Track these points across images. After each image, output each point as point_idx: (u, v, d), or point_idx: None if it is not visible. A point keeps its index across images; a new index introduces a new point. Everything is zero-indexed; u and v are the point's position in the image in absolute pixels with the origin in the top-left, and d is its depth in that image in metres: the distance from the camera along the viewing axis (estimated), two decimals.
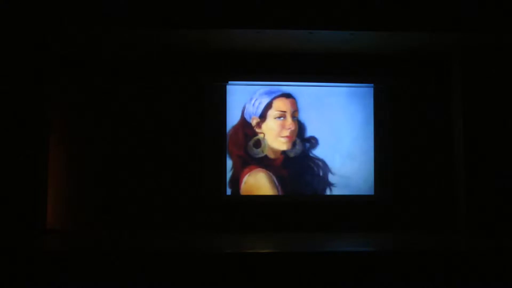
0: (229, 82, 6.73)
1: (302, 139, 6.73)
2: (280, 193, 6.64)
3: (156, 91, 6.62)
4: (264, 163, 6.70)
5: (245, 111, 6.77)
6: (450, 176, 6.57)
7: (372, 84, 6.78)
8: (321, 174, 6.71)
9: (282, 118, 6.74)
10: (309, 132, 6.73)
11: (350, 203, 6.61)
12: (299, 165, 6.70)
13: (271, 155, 6.70)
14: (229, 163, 6.67)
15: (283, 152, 6.72)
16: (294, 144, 6.71)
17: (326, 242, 5.70)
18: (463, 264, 4.77)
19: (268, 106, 6.76)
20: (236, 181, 6.67)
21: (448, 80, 6.66)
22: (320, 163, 6.72)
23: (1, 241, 5.28)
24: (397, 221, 6.55)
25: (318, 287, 4.64)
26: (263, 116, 6.75)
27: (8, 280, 4.60)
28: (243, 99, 6.77)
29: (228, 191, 6.63)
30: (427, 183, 6.63)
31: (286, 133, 6.71)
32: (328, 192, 6.67)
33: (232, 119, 6.73)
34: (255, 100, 6.77)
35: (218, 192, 6.61)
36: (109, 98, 6.59)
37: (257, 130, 6.73)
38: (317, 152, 6.72)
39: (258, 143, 6.68)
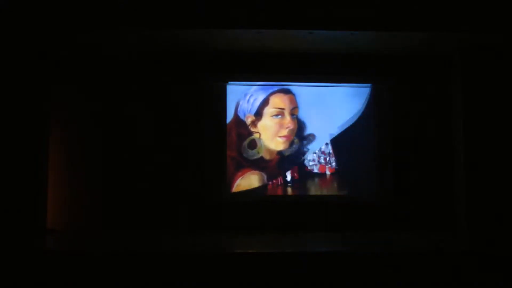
0: (229, 82, 6.59)
1: (300, 137, 6.43)
2: None
3: (156, 91, 6.62)
4: (260, 165, 6.34)
5: (238, 108, 6.32)
6: (450, 176, 6.57)
7: (372, 84, 6.74)
8: (318, 174, 6.49)
9: (279, 116, 6.38)
10: (309, 132, 6.49)
11: (350, 203, 6.59)
12: (295, 165, 6.41)
13: (267, 157, 6.35)
14: None
15: (279, 152, 6.40)
16: (291, 144, 6.41)
17: (325, 242, 5.69)
18: (463, 264, 4.77)
19: (265, 102, 6.33)
20: (228, 184, 6.39)
21: (448, 80, 6.66)
22: (317, 162, 6.48)
23: (1, 241, 5.28)
24: (397, 221, 6.55)
25: (317, 287, 4.64)
26: (258, 114, 6.33)
27: (8, 280, 4.60)
28: (237, 96, 6.40)
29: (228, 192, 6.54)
30: (427, 183, 6.62)
31: (284, 132, 6.35)
32: (326, 193, 6.54)
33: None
34: (250, 96, 6.32)
35: (218, 192, 6.49)
36: (109, 98, 6.58)
37: (252, 129, 6.34)
38: (315, 150, 6.44)
39: (254, 144, 6.26)
